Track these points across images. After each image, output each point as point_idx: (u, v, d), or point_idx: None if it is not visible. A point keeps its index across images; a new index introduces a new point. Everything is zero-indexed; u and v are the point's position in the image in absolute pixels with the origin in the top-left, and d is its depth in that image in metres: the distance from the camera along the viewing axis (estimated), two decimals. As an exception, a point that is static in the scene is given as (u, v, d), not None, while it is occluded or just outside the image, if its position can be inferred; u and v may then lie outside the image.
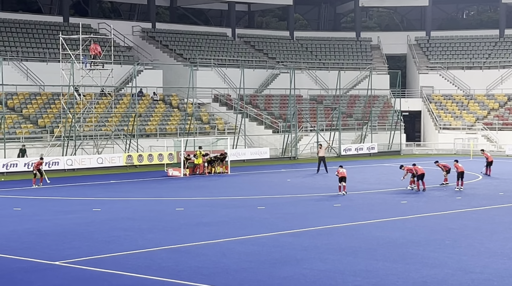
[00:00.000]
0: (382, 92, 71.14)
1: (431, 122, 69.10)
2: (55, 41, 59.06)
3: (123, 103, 57.81)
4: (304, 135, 61.98)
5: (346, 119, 66.72)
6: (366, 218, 27.91)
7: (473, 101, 70.55)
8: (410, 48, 77.37)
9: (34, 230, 25.56)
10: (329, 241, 23.25)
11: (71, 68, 49.42)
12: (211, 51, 70.77)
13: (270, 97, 67.97)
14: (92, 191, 37.17)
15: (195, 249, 22.08)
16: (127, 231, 25.17)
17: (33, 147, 49.40)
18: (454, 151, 63.39)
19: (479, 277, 18.45)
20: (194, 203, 32.80)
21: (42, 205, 32.32)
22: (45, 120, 52.97)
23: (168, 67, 65.08)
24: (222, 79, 66.22)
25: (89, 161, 48.14)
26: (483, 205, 31.53)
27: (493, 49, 75.58)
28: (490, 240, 23.55)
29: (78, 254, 21.24)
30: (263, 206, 31.21)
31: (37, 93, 56.08)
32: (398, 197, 34.25)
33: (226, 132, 58.29)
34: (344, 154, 60.06)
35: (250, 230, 25.12)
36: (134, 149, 51.32)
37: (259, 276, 18.57)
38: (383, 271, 19.00)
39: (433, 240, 23.41)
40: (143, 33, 70.40)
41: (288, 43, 77.89)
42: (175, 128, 56.93)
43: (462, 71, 73.27)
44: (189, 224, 26.68)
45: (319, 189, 37.44)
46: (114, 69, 53.09)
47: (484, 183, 40.18)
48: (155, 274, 18.64)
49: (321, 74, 72.51)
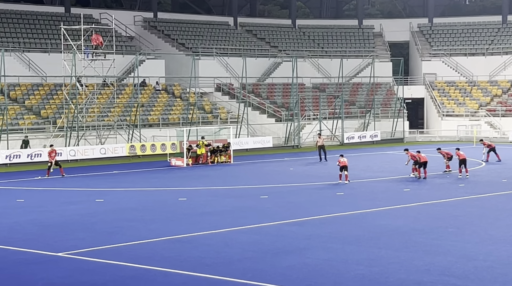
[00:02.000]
0: (384, 80, 70.99)
1: (434, 110, 68.97)
2: (57, 32, 58.92)
3: (126, 93, 57.76)
4: (307, 124, 61.91)
5: (348, 107, 66.61)
6: (369, 206, 27.89)
7: (476, 88, 70.37)
8: (413, 35, 77.13)
9: (37, 221, 25.60)
10: (332, 229, 23.25)
11: (73, 59, 49.36)
12: (213, 40, 70.64)
13: (272, 86, 67.86)
14: (95, 182, 37.18)
15: (198, 239, 22.09)
16: (130, 221, 25.19)
17: (36, 138, 49.40)
18: (457, 137, 63.28)
19: (482, 264, 18.44)
20: (197, 192, 32.81)
21: (45, 196, 32.35)
22: (47, 111, 52.97)
23: (170, 57, 64.99)
24: (224, 68, 66.12)
25: (92, 151, 48.13)
26: (487, 192, 31.49)
27: (496, 35, 75.29)
28: (494, 227, 23.54)
29: (81, 245, 21.25)
30: (266, 195, 31.20)
31: (39, 84, 56.04)
32: (401, 185, 34.21)
33: (229, 122, 58.23)
34: (347, 142, 59.99)
35: (253, 220, 25.12)
36: (137, 139, 51.31)
37: (262, 266, 18.57)
38: (386, 260, 18.99)
39: (436, 227, 23.40)
40: (145, 23, 70.25)
41: (290, 31, 77.69)
42: (177, 118, 56.89)
43: (465, 58, 73.05)
44: (192, 214, 26.69)
45: (322, 177, 37.41)
46: (116, 59, 53.02)
47: (487, 170, 40.11)
48: (158, 265, 18.64)
49: (323, 62, 72.36)
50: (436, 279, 17.00)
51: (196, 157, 45.52)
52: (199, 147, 45.59)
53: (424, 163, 35.91)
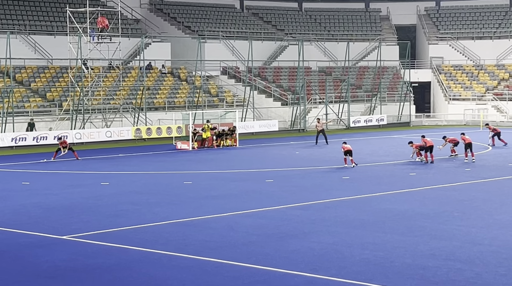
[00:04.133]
0: (391, 64, 70.73)
1: (440, 93, 68.74)
2: (63, 15, 58.80)
3: (131, 76, 57.68)
4: (313, 108, 61.78)
5: (355, 91, 66.42)
6: (375, 190, 27.82)
7: (483, 72, 70.06)
8: (420, 19, 76.76)
9: (42, 204, 25.61)
10: (337, 214, 23.19)
11: (79, 42, 49.27)
12: (219, 23, 70.41)
13: (278, 70, 67.69)
14: (101, 165, 37.19)
15: (203, 222, 22.06)
16: (135, 205, 25.17)
17: (42, 120, 49.43)
18: (464, 121, 63.09)
19: (488, 249, 18.37)
20: (202, 176, 32.78)
21: (50, 179, 32.37)
22: (53, 94, 52.94)
23: (176, 40, 64.82)
24: (231, 52, 65.93)
25: (98, 134, 48.16)
26: (493, 176, 31.38)
27: (503, 19, 74.86)
28: (499, 211, 23.45)
29: (85, 228, 21.26)
30: (271, 178, 31.15)
31: (45, 67, 56.00)
32: (407, 169, 34.12)
33: (235, 105, 58.14)
34: (353, 126, 59.84)
35: (258, 203, 25.07)
36: (143, 122, 51.28)
37: (266, 250, 18.53)
38: (391, 244, 18.93)
39: (441, 212, 23.32)
40: (151, 5, 70.04)
41: (296, 14, 77.39)
42: (183, 101, 56.82)
43: (472, 42, 72.71)
44: (197, 197, 26.66)
45: (328, 161, 37.32)
46: (122, 42, 52.92)
47: (493, 154, 39.97)
48: (162, 248, 18.63)
49: (330, 45, 72.09)
50: (441, 264, 16.94)
51: (202, 141, 45.49)
52: (205, 130, 45.54)
53: (430, 147, 35.76)
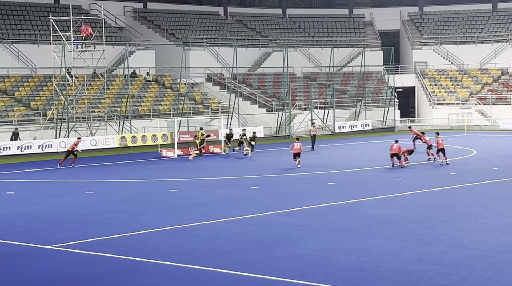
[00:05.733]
0: (375, 69, 70.94)
1: (425, 98, 68.99)
2: (46, 23, 58.58)
3: (116, 84, 57.54)
4: (298, 114, 61.84)
5: (340, 96, 66.54)
6: (360, 195, 27.86)
7: (467, 76, 70.39)
8: (403, 24, 77.07)
9: (27, 213, 25.46)
10: (323, 219, 23.19)
11: (63, 50, 49.10)
12: (204, 30, 70.39)
13: (263, 76, 67.73)
14: (86, 173, 37.01)
15: (189, 230, 22.01)
16: (120, 213, 25.08)
17: (26, 129, 49.18)
18: (448, 126, 63.33)
19: (473, 253, 18.42)
20: (188, 183, 32.71)
21: (35, 188, 32.19)
22: (37, 103, 52.71)
23: (161, 47, 64.73)
24: (215, 59, 65.93)
25: (83, 143, 47.73)
26: (477, 180, 31.50)
27: (486, 23, 75.29)
28: (485, 215, 23.53)
29: (71, 237, 21.15)
30: (257, 185, 31.13)
31: (29, 76, 55.77)
32: (393, 174, 34.19)
33: (220, 112, 58.09)
34: (338, 131, 59.93)
35: (244, 210, 25.04)
36: (128, 130, 51.14)
37: (253, 257, 18.51)
38: (377, 249, 18.96)
39: (427, 216, 23.38)
40: (135, 13, 69.95)
41: (280, 21, 77.51)
42: (168, 108, 56.72)
43: (455, 46, 73.04)
44: (183, 205, 26.60)
45: (314, 167, 37.34)
46: (106, 50, 52.77)
47: (478, 158, 40.13)
48: (149, 257, 18.56)
49: (314, 51, 72.25)
50: (428, 269, 16.97)
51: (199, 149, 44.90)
52: (197, 138, 45.13)
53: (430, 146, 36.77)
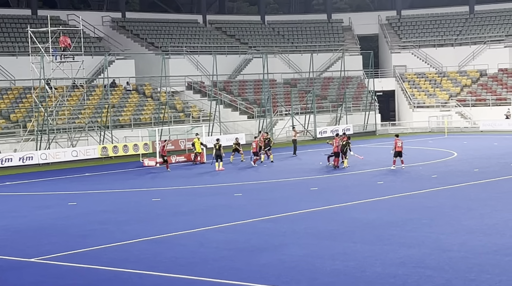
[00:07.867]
0: (355, 73, 71.21)
1: (405, 101, 69.32)
2: (24, 35, 58.28)
3: (96, 94, 57.37)
4: (279, 120, 61.95)
5: (320, 101, 66.72)
6: (343, 200, 27.94)
7: (446, 79, 70.82)
8: (382, 28, 77.44)
9: (9, 226, 25.31)
10: (307, 225, 23.23)
11: (41, 62, 48.91)
12: (183, 38, 70.36)
13: (243, 83, 67.79)
14: (68, 185, 36.86)
15: (173, 239, 21.97)
16: (103, 224, 24.99)
17: (6, 142, 48.92)
18: (429, 128, 63.67)
19: (457, 255, 18.52)
20: (171, 192, 32.66)
21: (17, 201, 32.01)
22: (17, 115, 52.45)
23: (140, 56, 64.66)
24: (195, 67, 65.91)
25: (64, 154, 47.71)
26: (459, 182, 31.68)
27: (463, 26, 75.80)
28: (467, 217, 23.67)
29: (54, 250, 21.04)
30: (240, 192, 31.13)
31: (8, 88, 55.49)
32: (375, 178, 34.31)
33: (201, 120, 58.06)
34: (320, 136, 60.03)
35: (228, 218, 25.03)
36: (109, 140, 50.97)
37: (237, 264, 18.51)
38: (361, 254, 19.01)
39: (410, 219, 23.47)
40: (113, 23, 69.79)
41: (259, 27, 77.64)
42: (149, 118, 56.62)
43: (434, 49, 73.49)
44: (166, 214, 26.55)
45: (296, 173, 37.40)
46: (85, 60, 52.63)
47: (459, 160, 40.36)
48: (133, 267, 18.50)
49: (294, 57, 72.42)
50: (411, 272, 17.04)
51: (194, 156, 44.66)
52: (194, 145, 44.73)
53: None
